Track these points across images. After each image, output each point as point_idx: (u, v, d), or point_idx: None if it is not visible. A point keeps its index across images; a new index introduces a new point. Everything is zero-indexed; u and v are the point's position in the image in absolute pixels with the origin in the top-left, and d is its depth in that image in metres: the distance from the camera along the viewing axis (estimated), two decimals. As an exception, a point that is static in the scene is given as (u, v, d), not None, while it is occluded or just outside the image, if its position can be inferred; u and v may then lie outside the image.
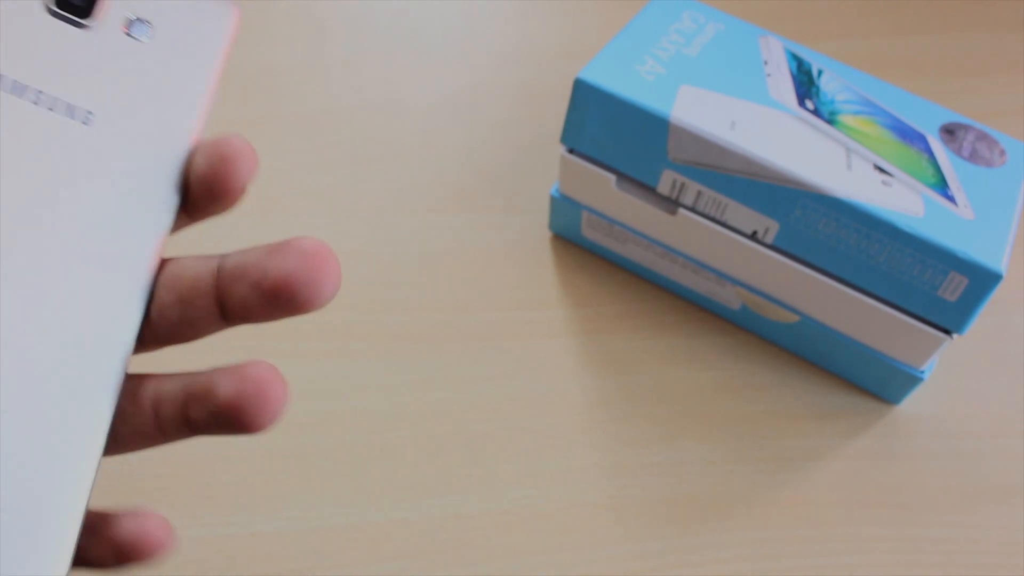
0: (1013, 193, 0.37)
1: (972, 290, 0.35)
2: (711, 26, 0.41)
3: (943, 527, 0.37)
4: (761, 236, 0.38)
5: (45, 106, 0.21)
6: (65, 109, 0.21)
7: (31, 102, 0.21)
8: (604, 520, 0.37)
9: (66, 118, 0.21)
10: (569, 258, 0.45)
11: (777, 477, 0.38)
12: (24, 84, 0.21)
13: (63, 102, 0.21)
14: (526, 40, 0.54)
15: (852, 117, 0.39)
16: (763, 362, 0.42)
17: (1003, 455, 0.40)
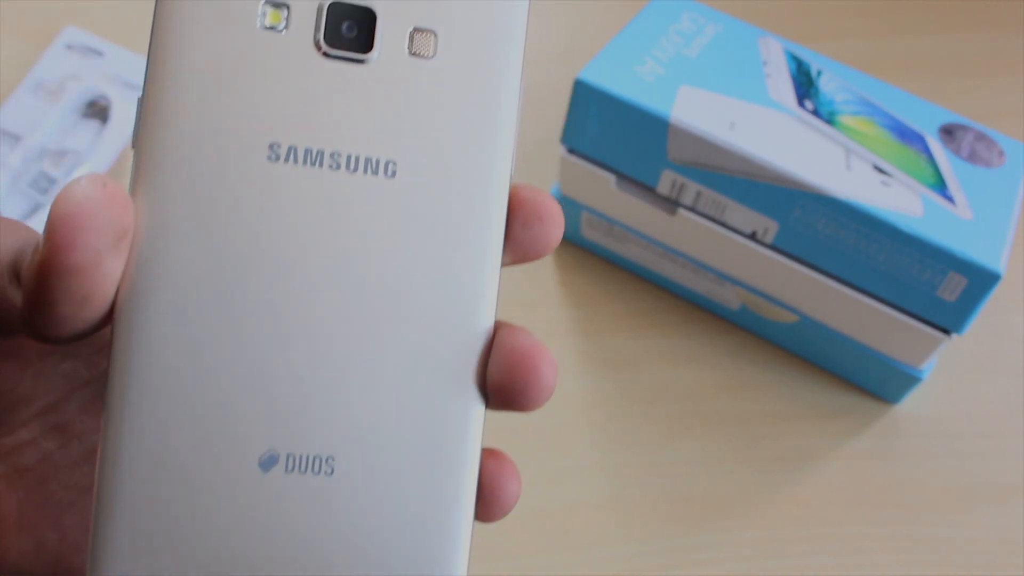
0: (1012, 193, 0.37)
1: (971, 290, 0.35)
2: (710, 27, 0.41)
3: (942, 526, 0.38)
4: (760, 236, 0.38)
5: (345, 169, 0.19)
6: (366, 166, 0.19)
7: (330, 168, 0.19)
8: (603, 520, 0.37)
9: (370, 176, 0.19)
10: (569, 258, 0.45)
11: (776, 476, 0.38)
12: (317, 150, 0.19)
13: (362, 159, 0.19)
14: (527, 41, 0.54)
15: (851, 117, 0.39)
16: (762, 362, 0.42)
17: (1001, 455, 0.40)
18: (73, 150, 0.45)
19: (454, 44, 0.20)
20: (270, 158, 0.19)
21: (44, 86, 0.47)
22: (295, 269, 0.19)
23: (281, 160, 0.19)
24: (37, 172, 0.44)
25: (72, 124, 0.46)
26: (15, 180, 0.43)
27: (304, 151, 0.19)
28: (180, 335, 0.18)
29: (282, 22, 0.19)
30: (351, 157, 0.19)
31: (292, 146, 0.19)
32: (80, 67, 0.48)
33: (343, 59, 0.19)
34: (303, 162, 0.19)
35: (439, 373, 0.19)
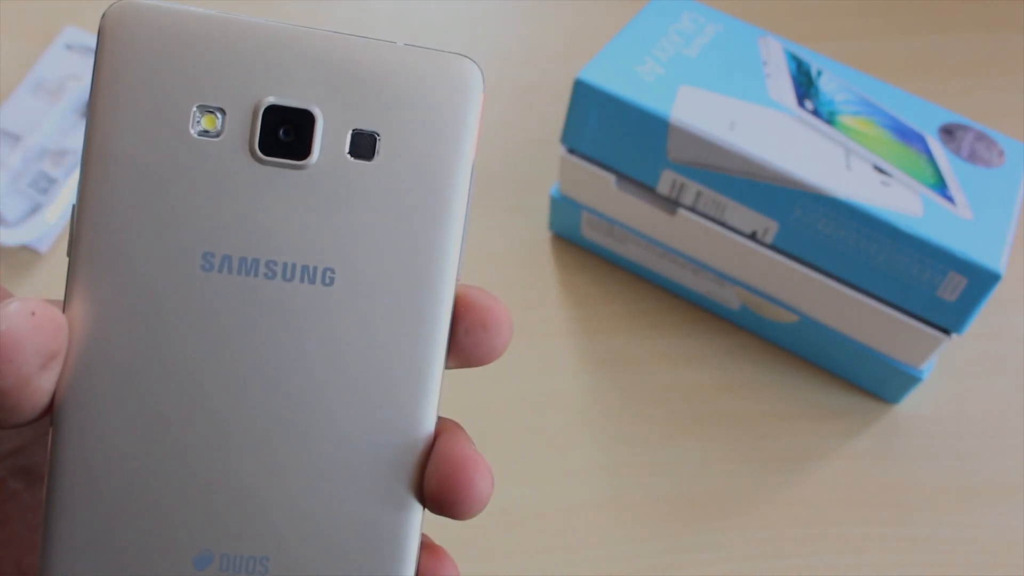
0: (1012, 193, 0.37)
1: (971, 290, 0.35)
2: (710, 27, 0.41)
3: (941, 526, 0.38)
4: (760, 236, 0.38)
5: (281, 278, 0.18)
6: (303, 274, 0.19)
7: (265, 277, 0.18)
8: (603, 519, 0.37)
9: (306, 285, 0.19)
10: (569, 258, 0.45)
11: (776, 476, 0.38)
12: (251, 259, 0.18)
13: (299, 267, 0.19)
14: (526, 41, 0.54)
15: (851, 117, 0.39)
16: (762, 362, 0.42)
17: (1001, 454, 0.40)
18: (73, 150, 0.45)
19: (396, 146, 0.19)
20: (204, 268, 0.18)
21: (44, 86, 0.47)
22: (230, 377, 0.18)
23: (215, 270, 0.18)
24: (37, 172, 0.44)
25: (72, 124, 0.46)
26: (15, 180, 0.43)
27: (239, 260, 0.18)
28: (116, 441, 0.18)
29: (216, 127, 0.18)
30: (287, 266, 0.18)
31: (226, 255, 0.18)
32: (80, 67, 0.48)
33: (280, 165, 0.18)
34: (238, 271, 0.18)
35: (376, 480, 0.19)
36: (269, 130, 0.18)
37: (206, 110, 0.18)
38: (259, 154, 0.18)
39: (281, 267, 0.19)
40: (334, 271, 0.19)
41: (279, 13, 0.55)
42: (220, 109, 0.18)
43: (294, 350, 0.19)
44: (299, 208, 0.19)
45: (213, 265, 0.18)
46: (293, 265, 0.19)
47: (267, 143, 0.18)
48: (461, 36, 0.54)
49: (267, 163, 0.18)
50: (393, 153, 0.19)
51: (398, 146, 0.19)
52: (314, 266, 0.19)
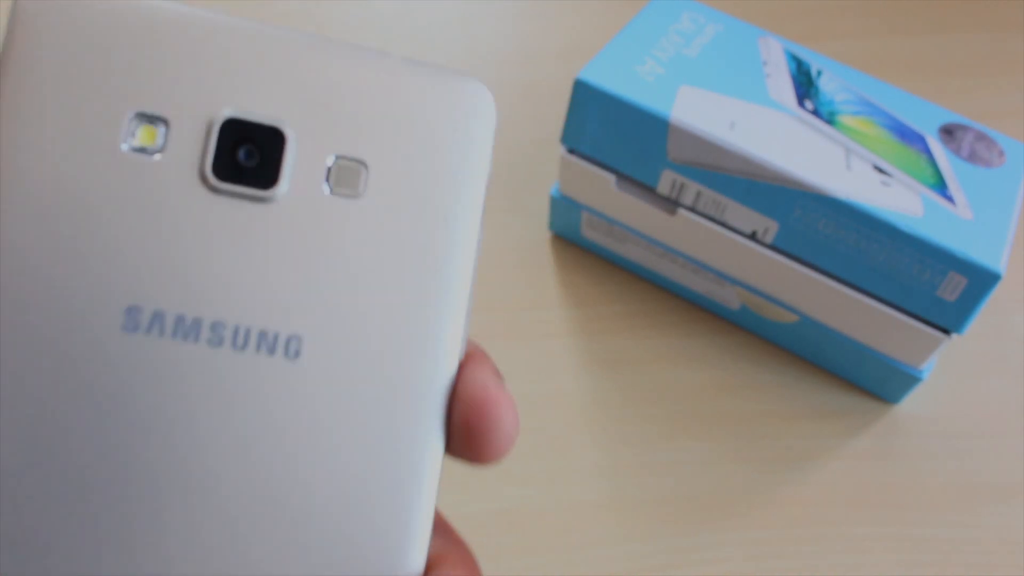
0: (1012, 193, 0.37)
1: (971, 290, 0.35)
2: (710, 27, 0.41)
3: (942, 526, 0.38)
4: (760, 236, 0.38)
5: (231, 346, 0.14)
6: (259, 343, 0.14)
7: (208, 344, 0.14)
8: (603, 519, 0.37)
9: (264, 356, 0.14)
10: (569, 258, 0.45)
11: (776, 476, 0.38)
12: (192, 318, 0.14)
13: (255, 333, 0.14)
14: (526, 40, 0.54)
15: (851, 117, 0.39)
16: (762, 362, 0.42)
17: (1002, 454, 0.40)
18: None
19: (389, 180, 0.15)
20: (126, 328, 0.14)
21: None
22: (148, 486, 0.14)
23: (141, 331, 0.14)
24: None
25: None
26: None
27: (174, 320, 0.14)
28: (24, 523, 0.14)
29: (157, 142, 0.14)
30: (239, 330, 0.14)
31: (158, 312, 0.14)
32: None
33: (238, 196, 0.14)
34: (172, 334, 0.14)
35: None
36: (226, 150, 0.14)
37: (144, 119, 0.14)
38: (211, 179, 0.14)
39: (231, 331, 0.14)
40: (301, 340, 0.15)
41: (275, 13, 0.55)
42: (163, 119, 0.14)
43: (242, 451, 0.14)
44: (259, 253, 0.14)
45: (139, 324, 0.14)
46: (248, 330, 0.14)
47: (223, 166, 0.14)
48: (461, 36, 0.54)
49: (221, 191, 0.14)
50: (384, 189, 0.15)
51: (391, 181, 0.15)
52: (275, 332, 0.14)
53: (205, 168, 0.14)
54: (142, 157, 0.14)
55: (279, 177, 0.15)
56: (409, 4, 0.55)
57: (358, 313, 0.15)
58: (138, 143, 0.14)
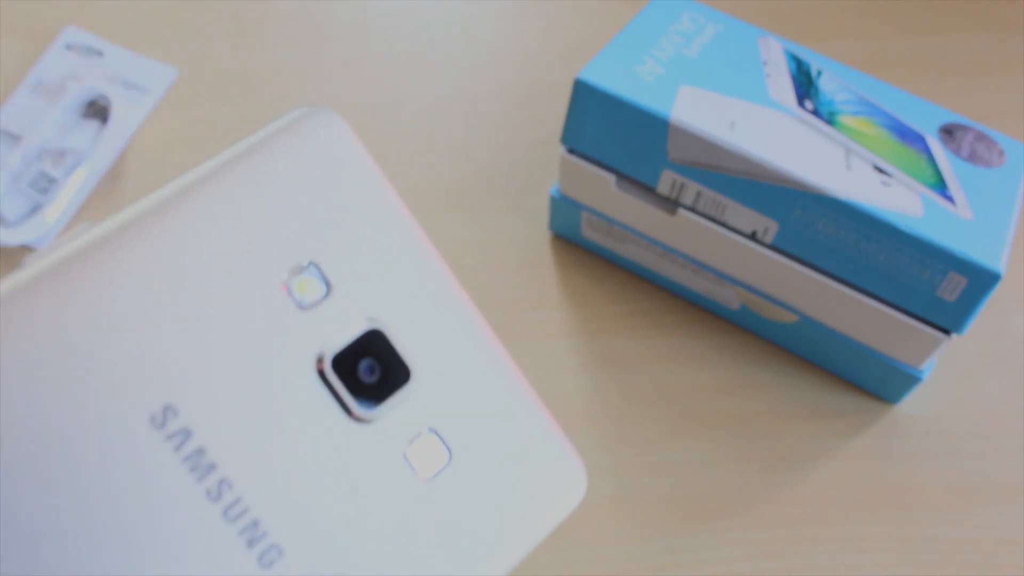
0: (1012, 193, 0.37)
1: (971, 290, 0.35)
2: (710, 27, 0.41)
3: (942, 526, 0.38)
4: (760, 236, 0.38)
5: (221, 510, 0.13)
6: (245, 527, 0.14)
7: (205, 494, 0.13)
8: (603, 519, 0.37)
9: (241, 543, 0.14)
10: (569, 258, 0.45)
11: (776, 476, 0.38)
12: (211, 462, 0.14)
13: (249, 515, 0.14)
14: (526, 41, 0.54)
15: (851, 117, 0.39)
16: (762, 362, 0.42)
17: (1002, 454, 0.40)
18: (73, 150, 0.45)
19: (460, 482, 0.15)
20: (153, 422, 0.14)
21: (44, 86, 0.47)
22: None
23: (163, 433, 0.14)
24: (37, 172, 0.44)
25: (72, 124, 0.46)
26: (15, 180, 0.43)
27: (196, 447, 0.14)
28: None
29: (312, 299, 0.15)
30: (240, 503, 0.14)
31: (187, 428, 0.14)
32: (80, 67, 0.48)
33: (337, 397, 0.15)
34: (184, 457, 0.14)
35: None
36: (354, 351, 0.15)
37: (315, 273, 0.15)
38: (327, 368, 0.15)
39: (233, 498, 0.14)
40: (281, 554, 0.14)
41: (276, 13, 0.55)
42: (329, 285, 0.15)
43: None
44: (313, 458, 0.14)
45: (165, 425, 0.14)
46: (246, 509, 0.14)
47: (342, 361, 0.15)
48: (460, 36, 0.54)
49: (327, 382, 0.15)
50: (450, 488, 0.15)
51: (460, 486, 0.15)
52: (266, 531, 0.14)
53: (327, 351, 0.15)
54: (291, 304, 0.15)
55: (379, 407, 0.15)
56: (409, 4, 0.55)
57: (347, 570, 0.14)
58: (295, 289, 0.15)
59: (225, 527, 0.14)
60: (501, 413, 0.16)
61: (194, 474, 0.14)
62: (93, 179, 0.44)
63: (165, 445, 0.14)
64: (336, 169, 0.16)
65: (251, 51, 0.52)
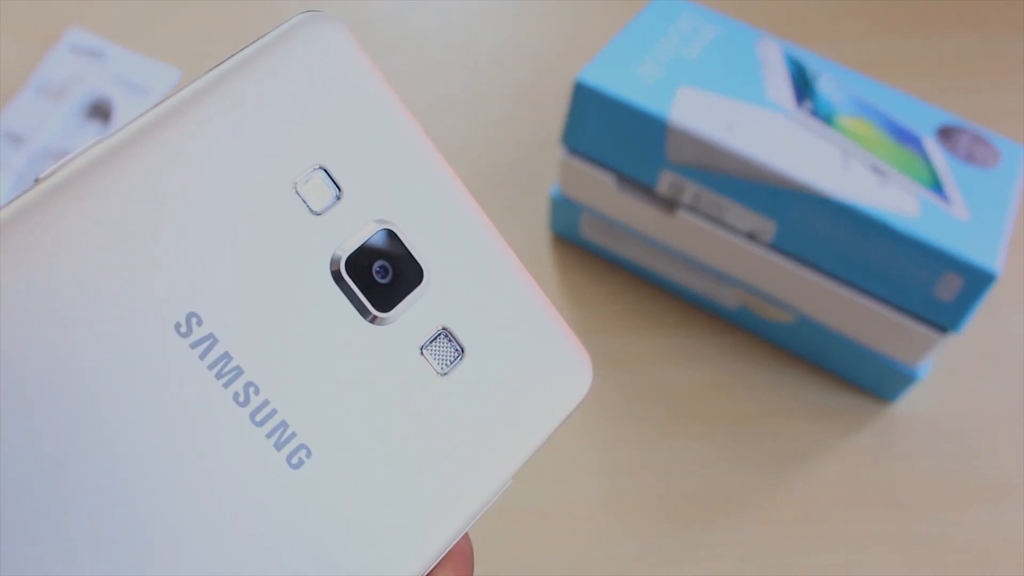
0: (1008, 193, 0.37)
1: (967, 290, 0.35)
2: (709, 28, 0.42)
3: (939, 525, 0.38)
4: (759, 236, 0.39)
5: (248, 413, 0.14)
6: (273, 430, 0.14)
7: (232, 398, 0.14)
8: (602, 518, 0.37)
9: (269, 445, 0.14)
10: (569, 258, 0.45)
11: (774, 475, 0.39)
12: (236, 367, 0.14)
13: (276, 418, 0.14)
14: (526, 41, 0.54)
15: (849, 119, 0.39)
16: (761, 361, 0.42)
17: (999, 453, 0.40)
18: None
19: (474, 376, 0.16)
20: (178, 330, 0.14)
21: (48, 87, 0.47)
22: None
23: (187, 340, 0.14)
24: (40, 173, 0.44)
25: (76, 125, 0.46)
26: (19, 181, 0.44)
27: (221, 353, 0.14)
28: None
29: (322, 204, 0.15)
30: (267, 407, 0.14)
31: (212, 335, 0.14)
32: (83, 68, 0.48)
33: (352, 298, 0.15)
34: (210, 364, 0.14)
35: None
36: (369, 252, 0.15)
37: (326, 177, 0.16)
38: (343, 269, 0.15)
39: (260, 402, 0.14)
40: (309, 455, 0.14)
41: (276, 13, 0.55)
42: (339, 189, 0.16)
43: (198, 525, 0.14)
44: (334, 359, 0.15)
45: (190, 333, 0.14)
46: (273, 412, 0.14)
47: (356, 263, 0.15)
48: (460, 37, 0.54)
49: (342, 285, 0.15)
50: (466, 382, 0.16)
51: (474, 379, 0.16)
52: (294, 433, 0.14)
53: (342, 254, 0.15)
54: (302, 207, 0.15)
55: (394, 309, 0.15)
56: (409, 4, 0.56)
57: (372, 467, 0.15)
58: (306, 194, 0.15)
59: (254, 430, 0.14)
60: (509, 311, 0.17)
61: (221, 380, 0.14)
62: (96, 180, 0.44)
63: (191, 353, 0.14)
64: (338, 75, 0.16)
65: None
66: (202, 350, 0.14)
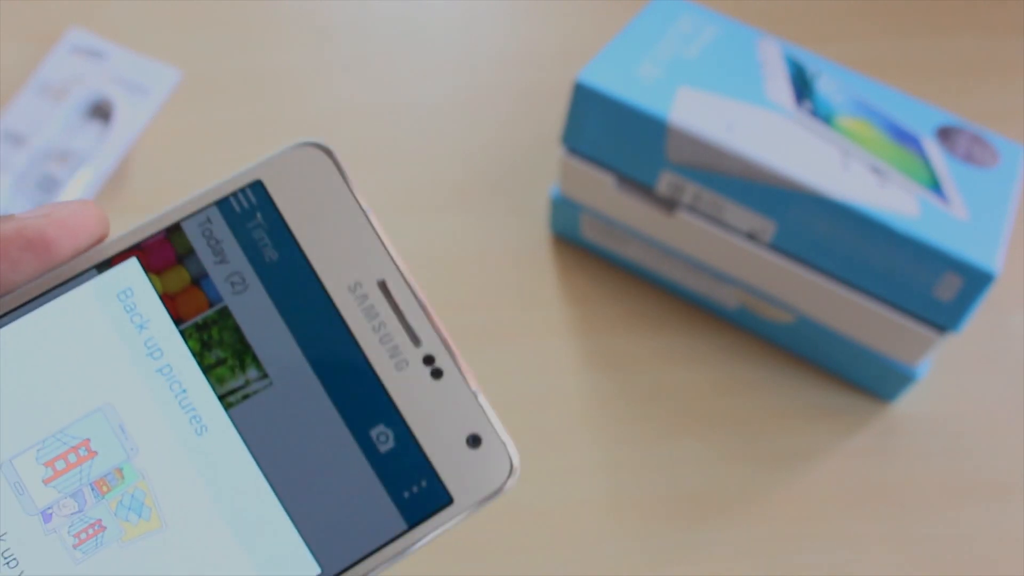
0: (1007, 194, 0.38)
1: (967, 289, 0.35)
2: (709, 29, 0.42)
3: (938, 524, 0.38)
4: (758, 237, 0.39)
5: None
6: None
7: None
8: (603, 518, 0.37)
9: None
10: (569, 258, 0.45)
11: (774, 475, 0.39)
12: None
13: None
14: (526, 42, 0.54)
15: (848, 119, 0.39)
16: (760, 361, 0.42)
17: (998, 453, 0.40)
18: (77, 152, 0.45)
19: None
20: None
21: (48, 87, 0.47)
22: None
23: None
24: (42, 174, 0.44)
25: (76, 126, 0.46)
26: (20, 181, 0.44)
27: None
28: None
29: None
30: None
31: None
32: (84, 69, 0.48)
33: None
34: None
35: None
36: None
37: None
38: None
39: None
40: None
41: (276, 13, 0.55)
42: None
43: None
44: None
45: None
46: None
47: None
48: (461, 37, 0.54)
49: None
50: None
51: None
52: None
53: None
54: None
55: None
56: (409, 4, 0.56)
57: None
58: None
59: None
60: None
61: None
62: (98, 181, 0.44)
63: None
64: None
65: (254, 52, 0.53)
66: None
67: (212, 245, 0.17)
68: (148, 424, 0.16)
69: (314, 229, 0.17)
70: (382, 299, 0.17)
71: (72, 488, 0.16)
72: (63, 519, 0.16)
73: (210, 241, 0.17)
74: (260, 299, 0.17)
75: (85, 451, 0.16)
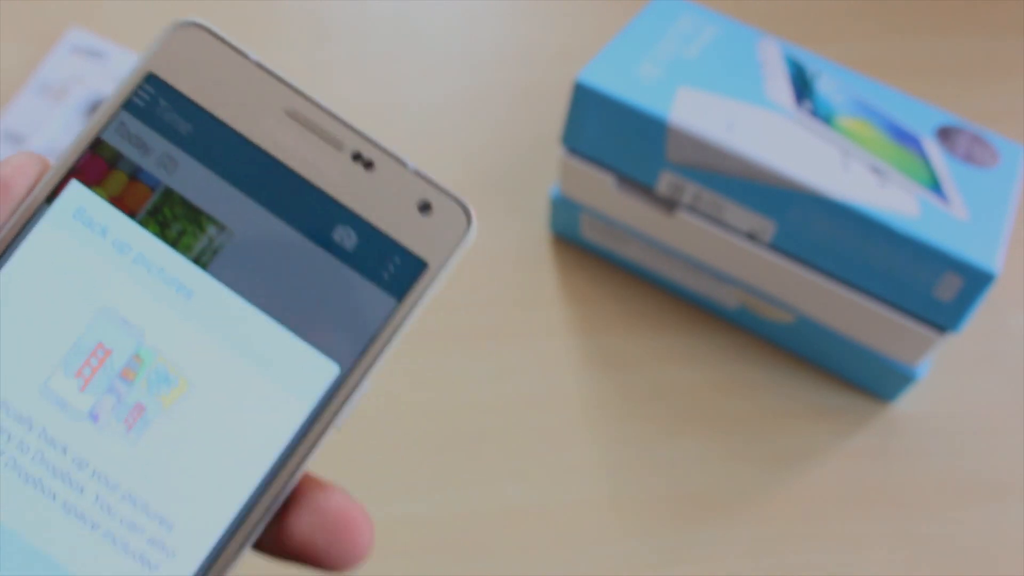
0: (1007, 194, 0.38)
1: (967, 290, 0.35)
2: (709, 29, 0.42)
3: (938, 524, 0.38)
4: (758, 236, 0.39)
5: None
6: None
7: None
8: (603, 518, 0.37)
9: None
10: (569, 258, 0.45)
11: (774, 475, 0.39)
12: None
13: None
14: (526, 42, 0.54)
15: (848, 119, 0.39)
16: (760, 361, 0.42)
17: (998, 452, 0.40)
18: (77, 151, 0.45)
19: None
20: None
21: (48, 88, 0.47)
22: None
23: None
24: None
25: (76, 125, 0.46)
26: (20, 181, 0.44)
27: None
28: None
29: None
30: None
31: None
32: (84, 69, 0.48)
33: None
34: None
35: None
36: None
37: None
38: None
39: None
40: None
41: (276, 13, 0.55)
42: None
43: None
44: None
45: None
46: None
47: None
48: (461, 37, 0.54)
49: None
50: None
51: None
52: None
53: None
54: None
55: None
56: (409, 4, 0.56)
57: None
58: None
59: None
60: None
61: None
62: (97, 180, 0.44)
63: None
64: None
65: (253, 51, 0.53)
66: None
67: (134, 142, 0.19)
68: (144, 309, 0.18)
69: (214, 92, 0.19)
70: (295, 124, 0.19)
71: (105, 386, 0.18)
72: (108, 414, 0.18)
73: (131, 140, 0.19)
74: (193, 168, 0.19)
75: (102, 352, 0.18)
